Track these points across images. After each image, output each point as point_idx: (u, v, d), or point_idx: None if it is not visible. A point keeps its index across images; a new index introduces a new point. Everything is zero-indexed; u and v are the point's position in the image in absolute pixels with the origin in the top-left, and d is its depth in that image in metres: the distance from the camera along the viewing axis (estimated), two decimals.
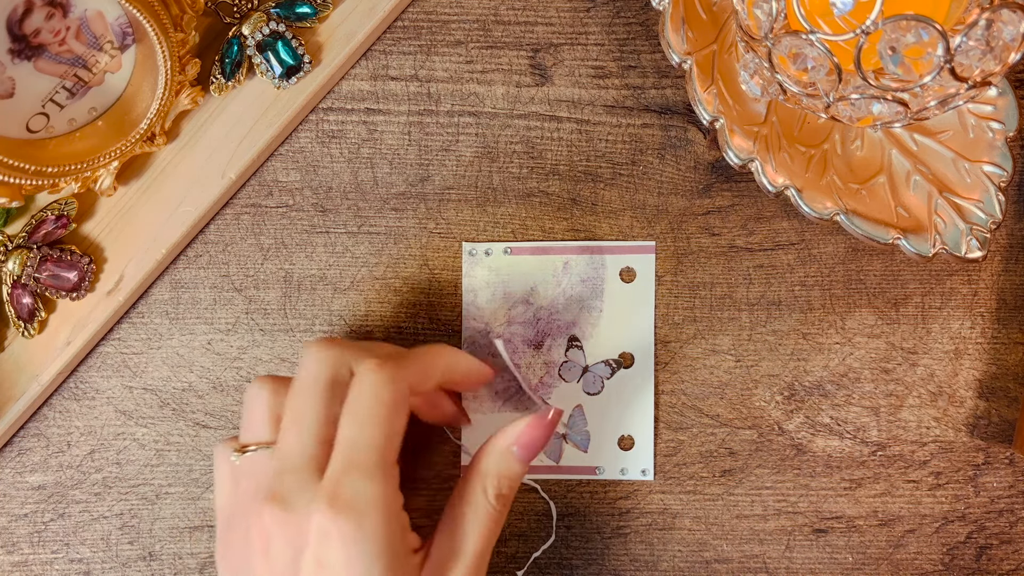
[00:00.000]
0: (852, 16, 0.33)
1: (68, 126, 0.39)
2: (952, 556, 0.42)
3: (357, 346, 0.35)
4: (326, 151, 0.42)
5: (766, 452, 0.42)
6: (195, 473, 0.42)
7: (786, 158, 0.39)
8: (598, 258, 0.42)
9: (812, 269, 0.42)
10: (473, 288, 0.42)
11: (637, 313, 0.42)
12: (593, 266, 0.41)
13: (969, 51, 0.33)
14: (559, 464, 0.41)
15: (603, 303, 0.42)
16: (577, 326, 0.42)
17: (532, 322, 0.41)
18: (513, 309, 0.42)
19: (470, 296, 0.42)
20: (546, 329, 0.42)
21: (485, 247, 0.42)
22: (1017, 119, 0.39)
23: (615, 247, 0.42)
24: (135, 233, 0.41)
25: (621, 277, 0.42)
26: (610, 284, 0.42)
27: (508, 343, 0.41)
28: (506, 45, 0.42)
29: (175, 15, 0.38)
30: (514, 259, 0.42)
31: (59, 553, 0.42)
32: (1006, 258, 0.42)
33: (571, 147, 0.42)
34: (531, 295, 0.42)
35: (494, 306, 0.42)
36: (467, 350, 0.41)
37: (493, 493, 0.35)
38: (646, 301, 0.42)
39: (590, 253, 0.41)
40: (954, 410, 0.42)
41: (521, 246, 0.42)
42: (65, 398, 0.42)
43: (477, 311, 0.42)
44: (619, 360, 0.42)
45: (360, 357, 0.34)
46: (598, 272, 0.42)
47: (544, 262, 0.42)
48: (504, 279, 0.42)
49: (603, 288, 0.42)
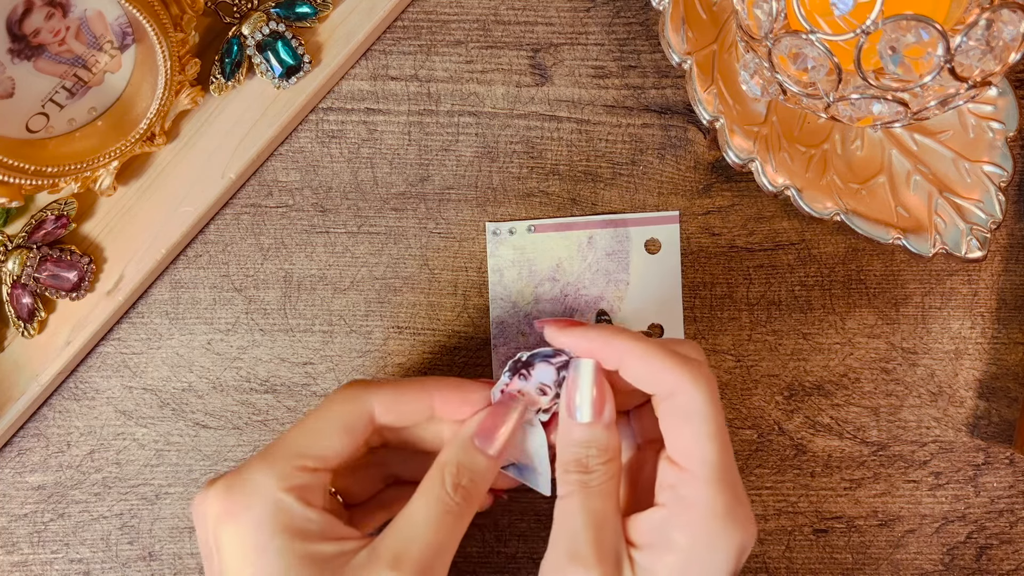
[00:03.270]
0: (852, 16, 0.33)
1: (68, 126, 0.39)
2: (952, 556, 0.42)
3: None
4: (326, 151, 0.42)
5: (766, 452, 0.42)
6: (195, 473, 0.42)
7: (786, 158, 0.39)
8: (622, 231, 0.41)
9: (812, 269, 0.42)
10: (499, 268, 0.42)
11: (664, 284, 0.42)
12: (618, 239, 0.41)
13: (969, 51, 0.33)
14: None
15: (629, 275, 0.41)
16: (605, 300, 0.41)
17: (560, 298, 0.41)
18: (540, 287, 0.41)
19: (496, 276, 0.42)
20: (574, 304, 0.41)
21: (509, 226, 0.42)
22: (1017, 119, 0.39)
23: (639, 219, 0.42)
24: (135, 233, 0.41)
25: (647, 248, 0.42)
26: (636, 256, 0.41)
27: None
28: (506, 45, 0.42)
29: (175, 15, 0.38)
30: (538, 236, 0.42)
31: (59, 553, 0.42)
32: (1006, 258, 0.42)
33: (571, 147, 0.42)
34: (557, 272, 0.41)
35: (520, 285, 0.42)
36: (496, 332, 0.41)
37: (451, 483, 0.33)
38: (673, 271, 0.42)
39: (614, 226, 0.41)
40: (954, 410, 0.42)
41: (545, 223, 0.42)
42: (65, 398, 0.42)
43: (504, 291, 0.41)
44: (649, 332, 0.42)
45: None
46: (623, 245, 0.41)
47: (568, 238, 0.42)
48: (529, 257, 0.42)
49: (629, 260, 0.41)
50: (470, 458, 0.34)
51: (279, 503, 0.32)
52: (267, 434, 0.42)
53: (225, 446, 0.42)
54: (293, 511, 0.32)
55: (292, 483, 0.33)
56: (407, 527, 0.32)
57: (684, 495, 0.32)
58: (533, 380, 0.35)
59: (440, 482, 0.33)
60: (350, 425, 0.34)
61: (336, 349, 0.42)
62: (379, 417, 0.35)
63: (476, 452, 0.34)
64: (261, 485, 0.33)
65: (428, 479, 0.33)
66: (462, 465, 0.34)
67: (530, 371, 0.35)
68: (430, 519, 0.32)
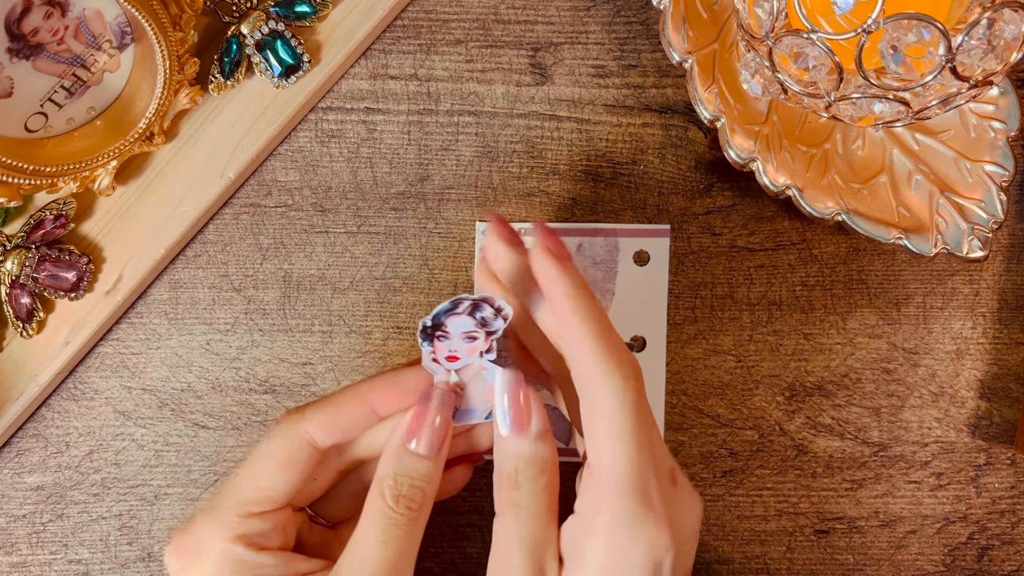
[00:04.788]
0: (853, 15, 0.33)
1: (67, 125, 0.39)
2: (954, 557, 0.42)
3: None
4: (325, 151, 0.42)
5: (767, 453, 0.42)
6: (194, 474, 0.42)
7: (787, 157, 0.39)
8: (612, 241, 0.41)
9: (813, 269, 0.42)
10: None
11: (650, 296, 0.41)
12: (607, 249, 0.41)
13: (971, 50, 0.32)
14: (568, 446, 0.41)
15: (616, 286, 0.41)
16: None
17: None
18: None
19: None
20: None
21: None
22: (1019, 118, 0.39)
23: (629, 230, 0.41)
24: (134, 233, 0.41)
25: (635, 260, 0.42)
26: (623, 267, 0.41)
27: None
28: (506, 44, 0.42)
29: (174, 14, 0.38)
30: (528, 240, 0.41)
31: (58, 554, 0.42)
32: (1008, 258, 0.42)
33: (571, 147, 0.42)
34: None
35: None
36: None
37: (391, 496, 0.32)
38: (659, 285, 0.41)
39: (604, 236, 0.41)
40: (955, 411, 0.42)
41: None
42: (64, 398, 0.42)
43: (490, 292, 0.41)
44: (631, 343, 0.42)
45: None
46: (611, 255, 0.41)
47: None
48: None
49: (616, 271, 0.41)
50: (405, 465, 0.33)
51: (227, 554, 0.32)
52: None
53: (224, 447, 0.42)
54: (244, 560, 0.32)
55: (238, 532, 0.33)
56: (359, 548, 0.32)
57: (591, 501, 0.30)
58: (454, 336, 0.33)
59: (380, 496, 0.32)
60: (289, 460, 0.33)
61: (335, 349, 0.42)
62: (321, 442, 0.34)
63: (410, 456, 0.33)
64: (207, 541, 0.33)
65: (369, 496, 0.32)
66: (398, 475, 0.32)
67: (444, 329, 0.33)
68: (379, 537, 0.32)
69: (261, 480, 0.33)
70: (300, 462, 0.34)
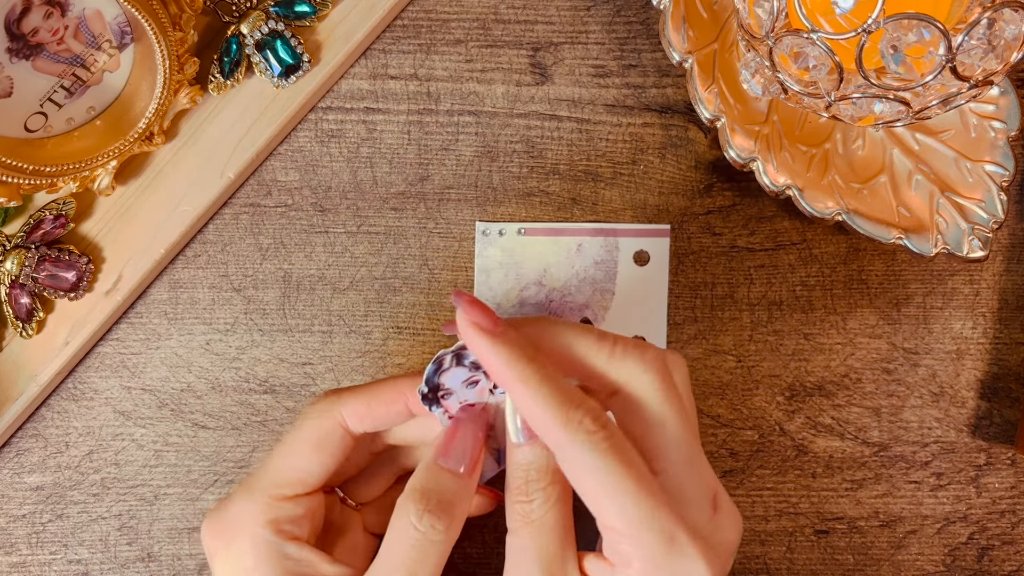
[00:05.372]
0: (853, 15, 0.33)
1: (66, 125, 0.39)
2: (954, 557, 0.42)
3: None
4: (325, 150, 0.42)
5: (767, 453, 0.42)
6: (194, 474, 0.42)
7: (787, 157, 0.39)
8: (612, 241, 0.41)
9: (813, 269, 0.42)
10: (486, 268, 0.41)
11: (650, 297, 0.41)
12: (607, 249, 0.41)
13: (971, 50, 0.32)
14: None
15: (616, 286, 0.41)
16: (589, 308, 0.41)
17: (544, 303, 0.41)
18: (525, 290, 0.41)
19: (482, 276, 0.41)
20: (558, 311, 0.41)
21: (499, 227, 0.41)
22: (1019, 118, 0.39)
23: (630, 230, 0.41)
24: (133, 233, 0.41)
25: (635, 260, 0.41)
26: (624, 267, 0.41)
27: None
28: (506, 44, 0.42)
29: (174, 14, 0.38)
30: (528, 240, 0.41)
31: (57, 554, 0.42)
32: (1008, 258, 0.42)
33: (571, 146, 0.42)
34: (544, 276, 0.41)
35: (506, 286, 0.41)
36: None
37: (416, 512, 0.31)
38: (660, 285, 0.41)
39: (604, 235, 0.41)
40: (956, 411, 0.42)
41: (535, 227, 0.42)
42: (63, 398, 0.42)
43: (489, 292, 0.41)
44: None
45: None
46: (612, 255, 0.41)
47: (558, 243, 0.41)
48: (517, 260, 0.41)
49: (616, 271, 0.41)
50: (435, 481, 0.32)
51: (257, 539, 0.33)
52: (266, 435, 0.42)
53: (224, 447, 0.42)
54: (272, 547, 0.33)
55: (272, 515, 0.33)
56: (386, 562, 0.32)
57: (620, 550, 0.30)
58: (457, 389, 0.33)
59: (406, 512, 0.32)
60: (322, 443, 0.34)
61: (335, 349, 0.42)
62: (354, 428, 0.34)
63: (442, 473, 0.32)
64: (242, 519, 0.33)
65: (397, 509, 0.32)
66: (427, 490, 0.32)
67: (444, 388, 0.33)
68: (405, 553, 0.31)
69: (295, 462, 0.34)
70: (332, 446, 0.34)
